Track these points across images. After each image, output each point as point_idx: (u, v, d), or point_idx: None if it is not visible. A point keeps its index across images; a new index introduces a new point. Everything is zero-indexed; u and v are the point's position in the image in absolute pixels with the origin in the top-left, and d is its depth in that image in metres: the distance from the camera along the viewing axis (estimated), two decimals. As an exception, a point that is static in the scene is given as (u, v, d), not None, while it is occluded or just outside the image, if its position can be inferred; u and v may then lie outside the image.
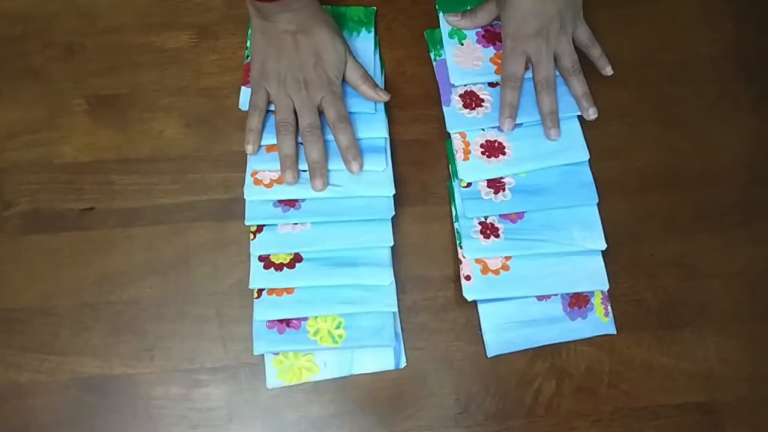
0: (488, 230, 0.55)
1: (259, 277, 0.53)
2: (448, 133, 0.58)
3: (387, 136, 0.57)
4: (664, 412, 0.53)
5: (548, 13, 0.55)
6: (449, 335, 0.55)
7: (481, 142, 0.57)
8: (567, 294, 0.55)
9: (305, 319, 0.53)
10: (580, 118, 0.58)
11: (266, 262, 0.54)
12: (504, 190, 0.56)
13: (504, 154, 0.56)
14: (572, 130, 0.58)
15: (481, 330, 0.54)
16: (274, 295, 0.53)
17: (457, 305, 0.55)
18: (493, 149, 0.56)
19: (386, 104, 0.59)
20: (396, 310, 0.53)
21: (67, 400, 0.52)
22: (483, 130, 0.57)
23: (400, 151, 0.59)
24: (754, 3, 0.64)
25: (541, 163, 0.57)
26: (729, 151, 0.60)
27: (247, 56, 0.60)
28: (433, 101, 0.60)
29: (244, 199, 0.55)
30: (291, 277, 0.53)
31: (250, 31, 0.61)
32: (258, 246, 0.54)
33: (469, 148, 0.57)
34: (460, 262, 0.55)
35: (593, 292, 0.55)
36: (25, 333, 0.54)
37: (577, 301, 0.55)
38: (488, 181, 0.56)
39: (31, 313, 0.54)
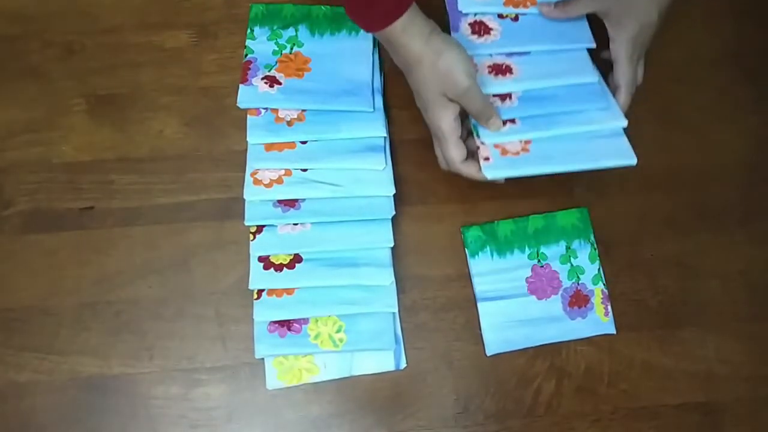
0: (505, 121, 0.53)
1: (258, 277, 0.53)
2: None
3: (386, 135, 0.57)
4: (663, 412, 0.53)
5: (655, 26, 0.54)
6: (449, 335, 0.55)
7: (488, 64, 0.55)
8: (567, 293, 0.55)
9: (306, 322, 0.53)
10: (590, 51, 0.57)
11: (266, 262, 0.54)
12: (510, 98, 0.54)
13: (512, 73, 0.55)
14: (580, 57, 0.56)
15: (480, 328, 0.54)
16: (274, 295, 0.53)
17: (457, 305, 0.55)
18: (500, 70, 0.55)
19: (386, 104, 0.59)
20: (396, 310, 0.53)
21: (66, 399, 0.52)
22: (490, 55, 0.56)
23: (400, 151, 0.59)
24: (754, 3, 0.64)
25: (548, 82, 0.55)
26: (729, 151, 0.60)
27: (246, 55, 0.60)
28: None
29: (244, 199, 0.55)
30: (291, 277, 0.53)
31: (249, 31, 0.61)
32: (258, 247, 0.54)
33: (476, 69, 0.54)
34: (478, 149, 0.52)
35: (593, 291, 0.55)
36: (24, 332, 0.54)
37: (577, 301, 0.55)
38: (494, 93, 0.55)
39: (30, 312, 0.54)
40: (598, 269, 0.56)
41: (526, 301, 0.55)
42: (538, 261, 0.56)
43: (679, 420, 0.53)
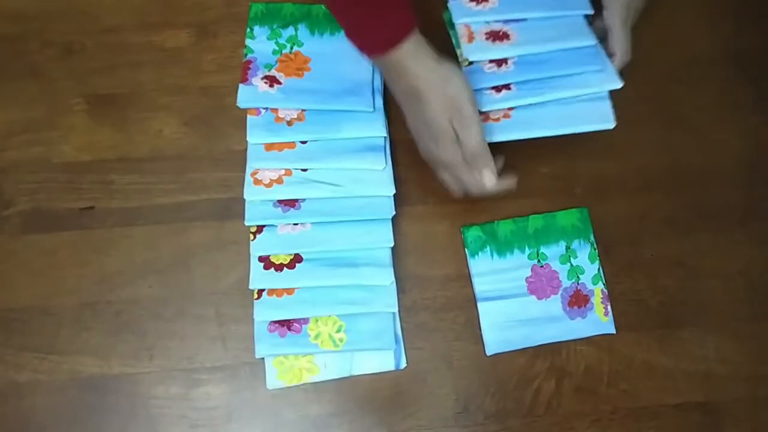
0: (501, 87, 0.54)
1: (259, 277, 0.53)
2: (452, 28, 0.57)
3: (386, 135, 0.57)
4: (663, 411, 0.53)
5: None
6: (449, 335, 0.55)
7: (485, 31, 0.56)
8: (567, 293, 0.55)
9: (306, 322, 0.53)
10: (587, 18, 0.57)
11: (266, 262, 0.54)
12: (506, 63, 0.55)
13: (509, 39, 0.55)
14: (577, 23, 0.56)
15: (480, 328, 0.54)
16: (275, 295, 0.53)
17: (457, 305, 0.55)
18: (498, 36, 0.55)
19: (386, 104, 0.59)
20: (396, 310, 0.53)
21: (66, 399, 0.52)
22: (488, 23, 0.56)
23: (400, 151, 0.59)
24: (754, 3, 0.64)
25: (545, 47, 0.55)
26: (729, 151, 0.60)
27: (246, 54, 0.60)
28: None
29: (244, 199, 0.55)
30: (291, 277, 0.53)
31: (248, 30, 0.60)
32: (258, 246, 0.54)
33: (474, 35, 0.55)
34: None
35: (593, 291, 0.55)
36: (24, 332, 0.54)
37: (577, 301, 0.55)
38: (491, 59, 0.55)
39: (30, 312, 0.54)
40: (598, 269, 0.56)
41: (526, 300, 0.55)
42: (538, 261, 0.56)
43: (678, 420, 0.53)
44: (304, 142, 0.56)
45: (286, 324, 0.53)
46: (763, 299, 0.56)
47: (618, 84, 0.53)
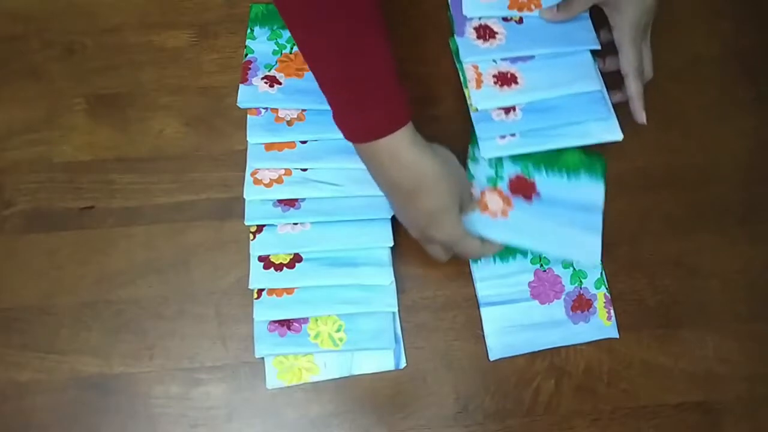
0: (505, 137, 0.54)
1: (258, 277, 0.53)
2: (459, 62, 0.57)
3: (387, 135, 0.57)
4: (663, 411, 0.53)
5: (653, 10, 0.54)
6: (449, 334, 0.55)
7: (493, 73, 0.56)
8: (569, 298, 0.55)
9: (306, 322, 0.53)
10: (593, 53, 0.57)
11: (266, 262, 0.54)
12: (515, 111, 0.55)
13: (516, 83, 0.56)
14: (584, 62, 0.57)
15: (483, 332, 0.54)
16: (274, 295, 0.53)
17: (457, 304, 0.55)
18: (505, 79, 0.56)
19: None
20: (396, 310, 0.53)
21: (66, 399, 0.52)
22: (495, 62, 0.57)
23: (399, 151, 0.59)
24: (754, 3, 0.64)
25: (553, 92, 0.55)
26: (729, 151, 0.60)
27: (246, 54, 0.60)
28: (433, 102, 0.60)
29: (244, 199, 0.55)
30: (291, 277, 0.53)
31: (249, 31, 0.61)
32: (258, 246, 0.54)
33: (482, 78, 0.56)
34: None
35: (596, 295, 0.55)
36: (24, 332, 0.54)
37: (580, 305, 0.55)
38: None
39: (30, 312, 0.54)
40: (601, 273, 0.56)
41: (529, 305, 0.55)
42: (541, 265, 0.56)
43: (678, 419, 0.53)
44: (304, 142, 0.56)
45: (285, 323, 0.53)
46: (763, 299, 0.56)
47: (618, 136, 0.54)
